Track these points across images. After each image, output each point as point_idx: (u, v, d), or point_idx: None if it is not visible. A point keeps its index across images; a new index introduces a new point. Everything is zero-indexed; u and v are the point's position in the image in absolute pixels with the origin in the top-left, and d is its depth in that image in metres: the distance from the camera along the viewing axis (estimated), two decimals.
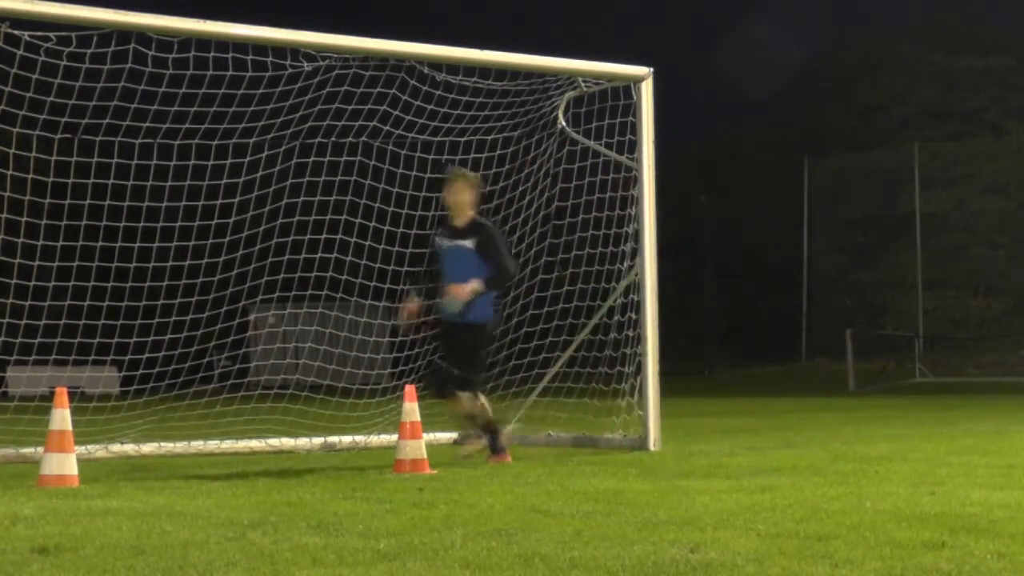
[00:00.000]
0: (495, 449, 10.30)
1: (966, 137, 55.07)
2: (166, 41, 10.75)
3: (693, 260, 54.58)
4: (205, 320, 13.10)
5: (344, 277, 13.35)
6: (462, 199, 10.42)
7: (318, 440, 12.24)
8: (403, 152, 13.28)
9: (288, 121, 12.66)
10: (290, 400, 14.12)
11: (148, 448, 11.47)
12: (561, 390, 13.41)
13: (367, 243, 13.36)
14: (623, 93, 12.36)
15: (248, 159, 12.62)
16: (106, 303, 12.51)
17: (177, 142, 12.32)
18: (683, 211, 50.10)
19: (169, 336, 12.88)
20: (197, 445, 11.69)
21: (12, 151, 11.59)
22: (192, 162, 12.49)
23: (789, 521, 6.27)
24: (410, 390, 9.77)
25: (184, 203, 12.73)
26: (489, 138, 13.41)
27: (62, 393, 8.77)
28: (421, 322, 10.68)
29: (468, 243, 10.31)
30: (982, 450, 11.04)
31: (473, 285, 10.07)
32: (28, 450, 10.72)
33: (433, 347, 11.82)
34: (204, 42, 10.88)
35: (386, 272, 13.59)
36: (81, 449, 10.12)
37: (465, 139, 13.31)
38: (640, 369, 11.85)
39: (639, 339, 11.93)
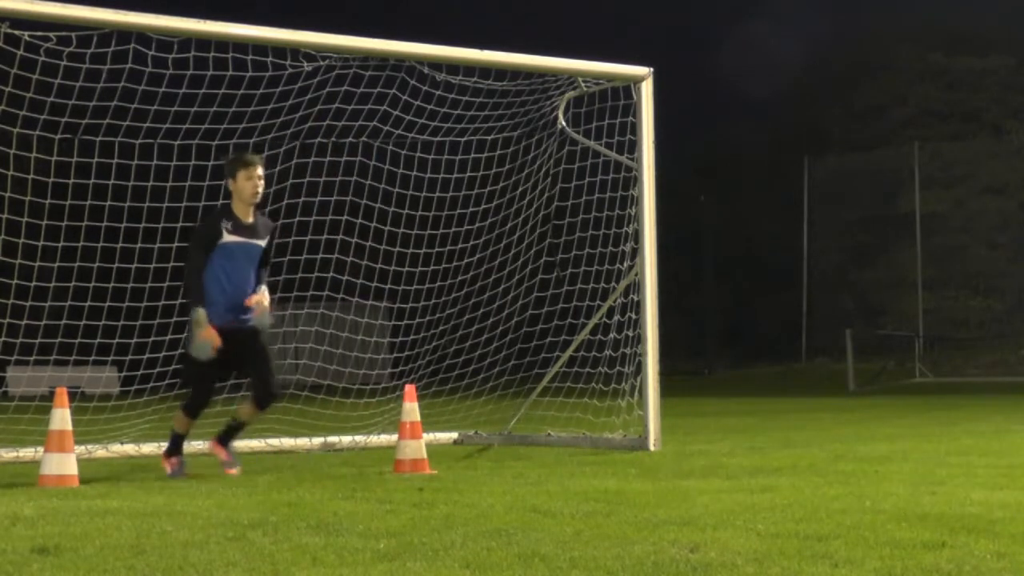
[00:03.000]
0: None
1: (966, 137, 55.09)
2: (166, 41, 10.75)
3: (693, 260, 54.59)
4: None
5: (344, 277, 13.36)
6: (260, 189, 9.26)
7: (318, 440, 12.24)
8: (403, 152, 13.29)
9: (288, 121, 12.67)
10: (290, 400, 14.12)
11: (148, 448, 11.47)
12: (561, 390, 13.42)
13: (367, 243, 13.36)
14: (623, 93, 12.36)
15: None
16: (107, 304, 12.52)
17: (177, 142, 12.33)
18: (683, 211, 50.08)
19: (169, 336, 12.88)
20: (197, 445, 11.68)
21: (12, 151, 11.59)
22: (192, 162, 12.50)
23: (789, 521, 6.27)
24: (410, 390, 9.77)
25: (184, 203, 12.74)
26: (489, 138, 13.42)
27: (62, 393, 8.77)
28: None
29: (262, 243, 9.38)
30: (982, 450, 11.04)
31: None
32: (28, 450, 10.72)
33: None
34: (204, 42, 10.88)
35: (386, 272, 13.60)
36: (81, 449, 10.13)
37: (465, 139, 13.32)
38: (640, 369, 11.85)
39: (639, 339, 11.93)
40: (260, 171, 9.29)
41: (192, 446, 11.66)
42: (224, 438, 9.73)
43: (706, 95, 60.65)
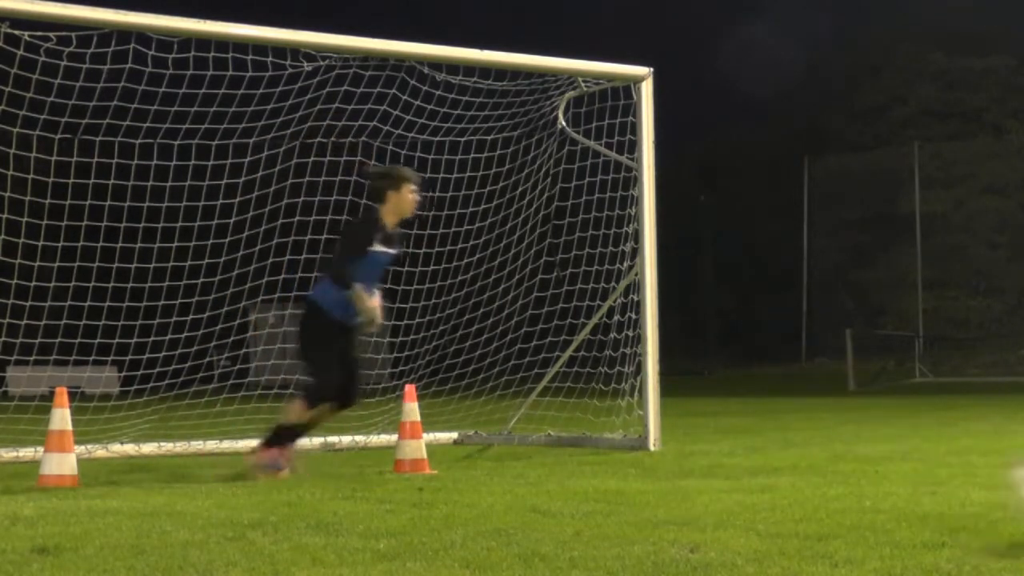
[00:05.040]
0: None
1: (966, 137, 55.16)
2: (166, 41, 10.75)
3: (693, 260, 54.63)
4: (205, 320, 13.10)
5: None
6: None
7: (318, 440, 12.23)
8: (403, 152, 13.29)
9: (288, 121, 12.66)
10: (290, 400, 14.10)
11: (148, 448, 11.47)
12: (561, 390, 13.41)
13: None
14: (623, 93, 12.36)
15: (248, 159, 12.62)
16: (106, 303, 12.51)
17: (177, 142, 12.32)
18: (683, 211, 50.14)
19: (169, 336, 12.87)
20: (197, 445, 11.69)
21: (12, 151, 11.59)
22: (192, 162, 12.49)
23: (789, 521, 6.27)
24: (410, 390, 9.77)
25: (184, 203, 12.73)
26: (489, 138, 13.41)
27: (62, 393, 8.76)
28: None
29: (395, 252, 9.65)
30: (982, 450, 11.04)
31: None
32: (28, 450, 10.72)
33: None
34: (204, 42, 10.88)
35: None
36: (81, 449, 10.12)
37: (465, 139, 13.32)
38: (640, 369, 11.85)
39: (639, 339, 11.93)
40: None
41: (192, 446, 11.68)
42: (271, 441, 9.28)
43: (706, 95, 60.71)
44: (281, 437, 9.24)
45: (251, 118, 12.30)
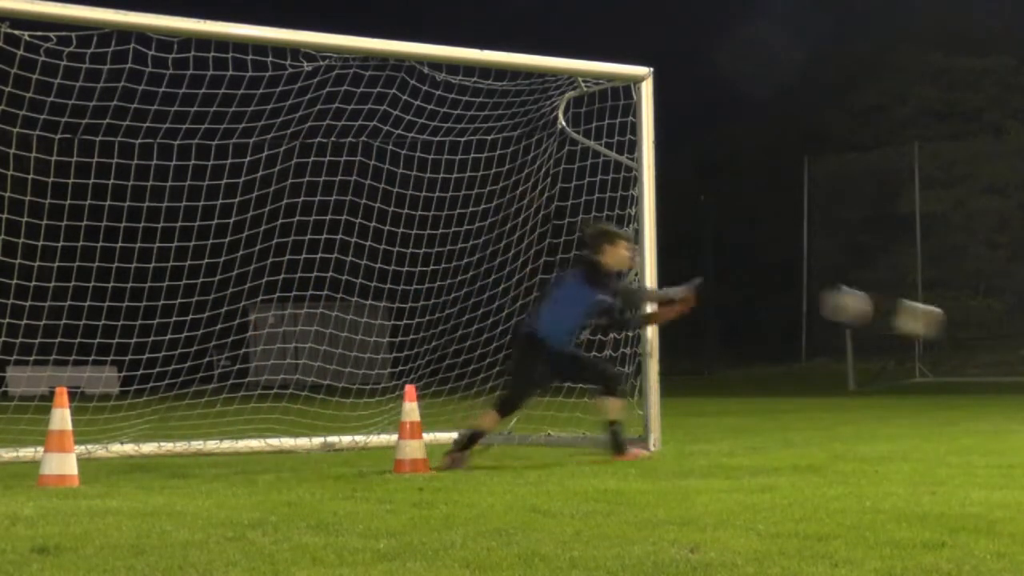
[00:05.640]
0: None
1: (966, 137, 55.09)
2: (166, 41, 10.76)
3: (693, 260, 54.54)
4: (205, 320, 13.11)
5: (344, 277, 13.36)
6: None
7: (318, 440, 12.24)
8: (403, 152, 13.29)
9: (288, 121, 12.67)
10: (290, 400, 14.13)
11: (148, 448, 11.47)
12: (561, 390, 13.40)
13: (367, 243, 13.36)
14: (623, 93, 12.35)
15: (248, 159, 12.63)
16: (106, 303, 12.52)
17: (177, 142, 12.33)
18: (683, 211, 50.07)
19: (169, 336, 12.88)
20: (197, 445, 11.69)
21: (12, 151, 11.59)
22: (192, 162, 12.50)
23: (789, 521, 6.27)
24: (410, 390, 9.76)
25: (184, 203, 12.74)
26: (489, 138, 13.41)
27: (62, 393, 8.76)
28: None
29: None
30: (982, 450, 11.04)
31: None
32: (28, 450, 10.72)
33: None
34: (204, 42, 10.88)
35: (386, 272, 13.60)
36: (81, 449, 10.12)
37: (465, 139, 13.32)
38: (640, 369, 11.84)
39: (639, 339, 11.93)
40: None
41: (192, 446, 11.67)
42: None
43: (706, 95, 60.62)
44: (471, 440, 10.02)
45: (251, 118, 12.31)
